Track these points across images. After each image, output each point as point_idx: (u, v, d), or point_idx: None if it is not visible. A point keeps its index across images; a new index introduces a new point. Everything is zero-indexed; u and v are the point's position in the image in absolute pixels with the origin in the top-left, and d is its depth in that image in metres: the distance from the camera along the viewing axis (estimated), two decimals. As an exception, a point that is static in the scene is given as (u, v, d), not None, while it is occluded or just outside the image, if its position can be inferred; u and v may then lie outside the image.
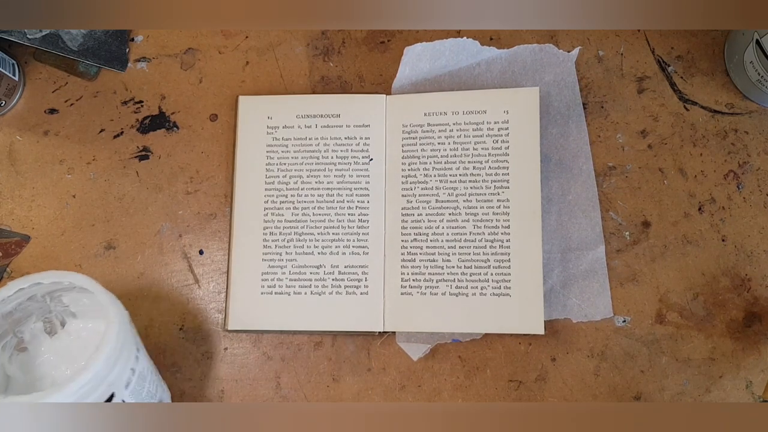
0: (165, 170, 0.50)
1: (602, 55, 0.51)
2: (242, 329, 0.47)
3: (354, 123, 0.49)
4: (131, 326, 0.38)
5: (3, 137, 0.50)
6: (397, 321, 0.47)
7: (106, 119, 0.51)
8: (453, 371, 0.47)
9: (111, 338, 0.35)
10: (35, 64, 0.51)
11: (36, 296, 0.40)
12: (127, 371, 0.37)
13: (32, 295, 0.40)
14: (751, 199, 0.49)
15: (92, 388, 0.34)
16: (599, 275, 0.48)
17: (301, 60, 0.52)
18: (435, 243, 0.47)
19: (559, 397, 0.47)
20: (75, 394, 0.33)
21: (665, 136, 0.50)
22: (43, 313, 0.42)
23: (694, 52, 0.51)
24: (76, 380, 0.33)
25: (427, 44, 0.49)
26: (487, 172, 0.48)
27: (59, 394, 0.33)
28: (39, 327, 0.42)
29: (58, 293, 0.41)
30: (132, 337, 0.38)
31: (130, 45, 0.52)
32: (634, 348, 0.47)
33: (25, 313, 0.41)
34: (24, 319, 0.41)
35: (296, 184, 0.49)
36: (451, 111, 0.49)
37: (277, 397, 0.47)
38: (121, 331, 0.36)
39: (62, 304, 0.42)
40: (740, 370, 0.46)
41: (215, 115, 0.51)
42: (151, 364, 0.42)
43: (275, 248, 0.48)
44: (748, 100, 0.50)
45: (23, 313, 0.41)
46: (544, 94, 0.49)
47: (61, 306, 0.42)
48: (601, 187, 0.49)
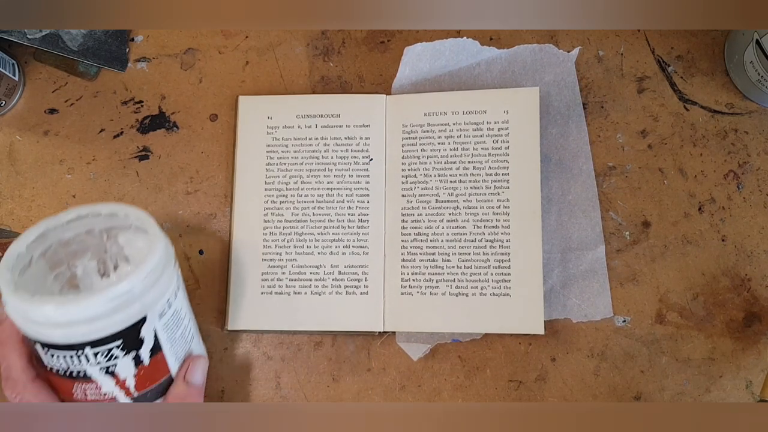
0: (165, 170, 0.50)
1: (602, 55, 0.51)
2: (242, 329, 0.47)
3: (354, 123, 0.49)
4: (176, 264, 0.38)
5: (3, 137, 0.50)
6: (397, 321, 0.47)
7: (106, 119, 0.51)
8: (453, 371, 0.47)
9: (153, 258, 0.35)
10: (35, 64, 0.51)
11: (94, 231, 0.40)
12: (163, 300, 0.36)
13: (90, 229, 0.40)
14: (751, 199, 0.49)
15: (126, 302, 0.34)
16: (599, 275, 0.48)
17: (301, 60, 0.52)
18: (435, 243, 0.47)
19: (559, 397, 0.47)
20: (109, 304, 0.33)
21: (665, 136, 0.50)
22: (99, 252, 0.41)
23: (694, 52, 0.51)
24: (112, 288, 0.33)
25: (427, 44, 0.49)
26: (487, 172, 0.48)
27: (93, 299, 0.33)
28: (93, 266, 0.42)
29: (115, 231, 0.41)
30: (174, 271, 0.38)
31: (130, 45, 0.52)
32: (634, 348, 0.47)
33: (82, 247, 0.41)
34: (80, 254, 0.41)
35: (296, 184, 0.49)
36: (451, 111, 0.49)
37: (277, 397, 0.47)
38: (164, 257, 0.36)
39: (118, 245, 0.41)
40: (740, 370, 0.46)
41: (215, 115, 0.51)
42: (192, 314, 0.42)
43: (275, 248, 0.48)
44: (748, 100, 0.50)
45: (80, 246, 0.41)
46: (544, 94, 0.49)
47: (116, 247, 0.41)
48: (601, 187, 0.49)
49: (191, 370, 0.40)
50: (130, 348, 0.35)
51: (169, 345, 0.38)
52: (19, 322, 0.34)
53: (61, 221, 0.38)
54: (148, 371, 0.37)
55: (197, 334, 0.43)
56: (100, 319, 0.33)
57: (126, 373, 0.36)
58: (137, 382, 0.37)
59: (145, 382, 0.37)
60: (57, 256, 0.40)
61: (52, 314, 0.32)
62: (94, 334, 0.33)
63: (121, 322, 0.34)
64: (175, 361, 0.39)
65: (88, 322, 0.33)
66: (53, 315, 0.32)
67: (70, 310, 0.32)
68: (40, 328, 0.33)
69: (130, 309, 0.34)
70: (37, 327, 0.33)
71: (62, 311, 0.32)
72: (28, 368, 0.36)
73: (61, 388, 0.37)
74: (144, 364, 0.37)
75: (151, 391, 0.38)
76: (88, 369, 0.35)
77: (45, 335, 0.34)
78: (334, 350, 0.48)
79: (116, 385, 0.36)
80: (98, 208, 0.39)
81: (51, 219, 0.38)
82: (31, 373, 0.36)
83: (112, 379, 0.36)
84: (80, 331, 0.33)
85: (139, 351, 0.36)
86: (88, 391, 0.36)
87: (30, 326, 0.34)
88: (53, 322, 0.33)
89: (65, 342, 0.33)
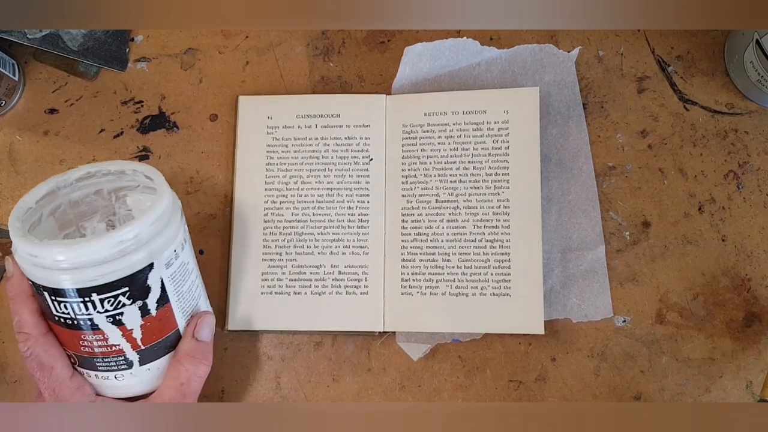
0: (165, 170, 0.50)
1: (602, 55, 0.51)
2: (242, 329, 0.47)
3: (354, 123, 0.49)
4: (182, 218, 0.39)
5: (3, 137, 0.50)
6: (397, 321, 0.47)
7: (106, 119, 0.51)
8: (453, 371, 0.47)
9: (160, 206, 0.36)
10: (35, 64, 0.51)
11: (102, 192, 0.41)
12: (170, 249, 0.37)
13: (99, 190, 0.41)
14: (751, 199, 0.49)
15: (133, 248, 0.34)
16: (599, 275, 0.48)
17: (301, 60, 0.52)
18: (435, 243, 0.47)
19: (559, 397, 0.47)
20: (116, 248, 0.34)
21: (665, 136, 0.50)
22: (108, 213, 0.42)
23: (694, 52, 0.51)
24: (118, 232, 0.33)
25: (427, 44, 0.49)
26: (487, 172, 0.48)
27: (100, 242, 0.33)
28: (102, 227, 0.42)
29: (123, 192, 0.41)
30: (181, 223, 0.38)
31: (130, 45, 0.52)
32: (634, 348, 0.47)
33: (91, 209, 0.41)
34: (89, 215, 0.42)
35: (296, 184, 0.49)
36: (451, 111, 0.49)
37: (277, 397, 0.47)
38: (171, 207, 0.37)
39: (126, 207, 0.42)
40: (740, 370, 0.46)
41: (215, 115, 0.51)
42: (199, 272, 0.42)
43: (275, 248, 0.48)
44: (748, 100, 0.50)
45: (89, 207, 0.41)
46: (544, 94, 0.49)
47: (125, 209, 0.42)
48: (601, 187, 0.49)
49: (200, 326, 0.40)
50: (136, 297, 0.36)
51: (177, 298, 0.38)
52: (28, 270, 0.35)
53: (70, 179, 0.39)
54: (155, 323, 0.37)
55: (204, 293, 0.43)
56: (107, 263, 0.34)
57: (133, 323, 0.36)
58: (144, 334, 0.37)
59: (152, 335, 0.37)
60: (66, 216, 0.40)
61: (60, 257, 0.33)
62: (101, 279, 0.34)
63: (128, 267, 0.34)
64: (182, 316, 0.39)
65: (95, 266, 0.33)
66: (61, 258, 0.33)
67: (77, 252, 0.33)
68: (49, 274, 0.34)
69: (137, 255, 0.35)
70: (45, 273, 0.34)
71: (70, 254, 0.33)
72: (39, 323, 0.37)
73: (69, 342, 0.37)
74: (151, 315, 0.37)
75: (159, 344, 0.38)
76: (95, 317, 0.35)
77: (53, 281, 0.34)
78: (334, 350, 0.48)
79: (123, 336, 0.36)
80: (107, 166, 0.40)
81: (60, 176, 0.39)
82: (42, 328, 0.37)
83: (118, 329, 0.36)
84: (87, 276, 0.34)
85: (145, 300, 0.36)
86: (96, 342, 0.36)
87: (39, 272, 0.34)
88: (61, 266, 0.33)
89: (72, 287, 0.34)
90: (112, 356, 0.37)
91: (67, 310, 0.35)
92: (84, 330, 0.36)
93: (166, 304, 0.37)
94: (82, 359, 0.38)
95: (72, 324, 0.36)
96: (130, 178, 0.40)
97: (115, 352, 0.37)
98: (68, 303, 0.35)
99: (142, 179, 0.40)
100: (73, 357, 0.38)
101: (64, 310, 0.35)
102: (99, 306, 0.35)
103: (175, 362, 0.39)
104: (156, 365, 0.39)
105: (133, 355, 0.37)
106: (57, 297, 0.35)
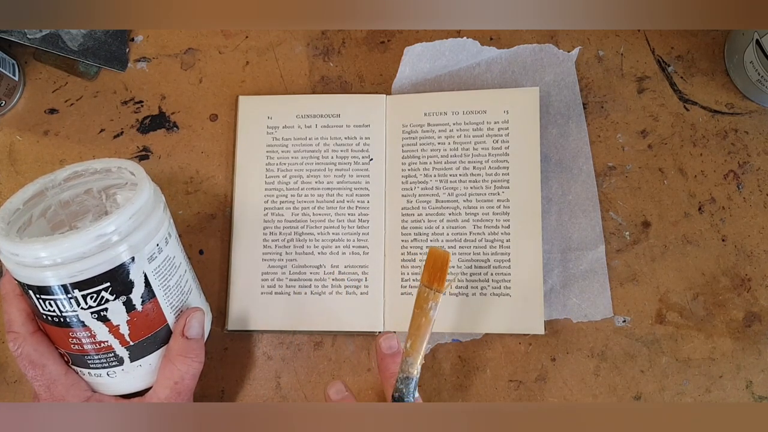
0: (165, 170, 0.50)
1: (602, 55, 0.51)
2: (242, 329, 0.47)
3: (354, 123, 0.49)
4: (166, 211, 0.39)
5: (3, 137, 0.50)
6: (397, 321, 0.47)
7: (106, 119, 0.51)
8: (453, 371, 0.47)
9: (139, 199, 0.36)
10: (35, 64, 0.51)
11: (92, 191, 0.41)
12: (152, 243, 0.36)
13: (88, 189, 0.41)
14: (751, 199, 0.49)
15: (112, 242, 0.34)
16: (599, 275, 0.48)
17: (301, 60, 0.52)
18: (435, 243, 0.47)
19: (559, 397, 0.47)
20: (95, 242, 0.34)
21: (665, 136, 0.50)
22: (99, 212, 0.42)
23: (694, 52, 0.51)
24: (97, 225, 0.34)
25: (427, 44, 0.49)
26: (487, 172, 0.48)
27: (80, 237, 0.33)
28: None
29: (113, 190, 0.41)
30: (164, 217, 0.38)
31: (130, 45, 0.52)
32: (634, 348, 0.47)
33: (83, 208, 0.42)
34: (81, 215, 0.42)
35: (296, 184, 0.49)
36: (451, 111, 0.49)
37: (277, 397, 0.47)
38: (152, 200, 0.37)
39: (117, 205, 0.42)
40: (740, 370, 0.46)
41: (215, 115, 0.51)
42: (190, 267, 0.42)
43: (275, 248, 0.48)
44: (748, 100, 0.50)
45: (81, 207, 0.41)
46: (544, 94, 0.49)
47: (115, 207, 0.42)
48: (601, 187, 0.49)
49: (188, 324, 0.40)
50: (120, 292, 0.36)
51: (164, 293, 0.38)
52: (12, 269, 0.35)
53: (57, 179, 0.40)
54: (141, 318, 0.37)
55: (197, 288, 0.43)
56: (87, 257, 0.34)
57: (119, 319, 0.36)
58: (131, 329, 0.37)
59: (139, 331, 0.37)
60: (58, 217, 0.41)
61: (41, 253, 0.33)
62: (81, 275, 0.34)
63: (109, 261, 0.34)
64: (171, 311, 0.39)
65: (75, 261, 0.34)
66: (42, 254, 0.33)
67: (57, 248, 0.33)
68: (32, 272, 0.34)
69: (117, 249, 0.35)
70: (28, 271, 0.34)
71: (50, 250, 0.33)
72: (27, 322, 0.38)
73: (60, 340, 0.37)
74: (137, 310, 0.37)
75: (148, 340, 0.38)
76: (80, 314, 0.35)
77: (36, 279, 0.34)
78: (334, 350, 0.48)
79: (110, 332, 0.36)
80: (93, 164, 0.40)
81: (47, 176, 0.40)
82: (31, 327, 0.38)
83: (105, 325, 0.36)
84: (68, 272, 0.34)
85: (129, 295, 0.36)
86: (84, 339, 0.36)
87: (22, 271, 0.35)
88: (43, 263, 0.34)
89: (54, 283, 0.34)
90: (102, 353, 0.37)
91: (53, 308, 0.35)
92: (72, 327, 0.36)
93: (152, 299, 0.37)
94: (74, 357, 0.38)
95: (60, 322, 0.36)
96: (117, 175, 0.40)
97: (105, 348, 0.37)
98: (53, 300, 0.35)
99: (128, 176, 0.40)
100: (66, 356, 0.38)
101: (50, 307, 0.35)
102: (83, 302, 0.35)
103: (167, 362, 0.39)
104: (148, 361, 0.39)
105: (122, 352, 0.37)
106: (42, 295, 0.35)
